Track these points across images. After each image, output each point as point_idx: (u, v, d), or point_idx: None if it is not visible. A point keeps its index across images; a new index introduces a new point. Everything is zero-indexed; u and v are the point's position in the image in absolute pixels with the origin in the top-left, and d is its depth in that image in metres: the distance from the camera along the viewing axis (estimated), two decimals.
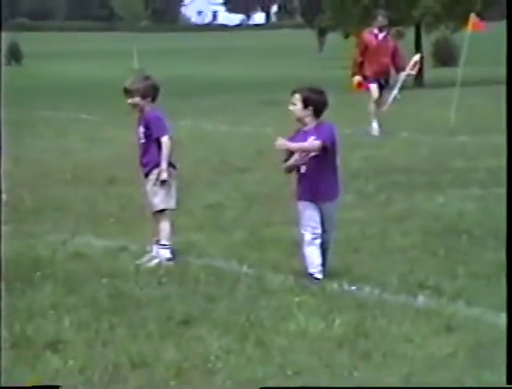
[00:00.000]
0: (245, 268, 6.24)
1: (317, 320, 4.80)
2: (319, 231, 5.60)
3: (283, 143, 5.61)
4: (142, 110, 6.57)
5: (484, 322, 4.74)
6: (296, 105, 5.57)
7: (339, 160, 5.83)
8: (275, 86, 22.40)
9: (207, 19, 78.81)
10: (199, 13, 78.72)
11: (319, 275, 5.55)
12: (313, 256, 5.57)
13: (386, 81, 13.93)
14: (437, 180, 9.60)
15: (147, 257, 6.45)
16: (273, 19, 76.53)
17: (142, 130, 6.58)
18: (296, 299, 5.24)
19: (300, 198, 5.68)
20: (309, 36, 54.57)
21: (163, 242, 6.40)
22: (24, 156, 12.10)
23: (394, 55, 13.81)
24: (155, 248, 6.47)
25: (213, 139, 14.11)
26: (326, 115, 5.74)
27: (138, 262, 6.38)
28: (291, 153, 5.68)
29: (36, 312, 5.15)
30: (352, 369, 4.09)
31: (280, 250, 6.63)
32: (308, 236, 5.56)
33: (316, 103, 5.62)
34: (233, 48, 54.10)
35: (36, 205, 8.71)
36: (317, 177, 5.65)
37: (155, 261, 6.35)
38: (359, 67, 13.84)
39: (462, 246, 6.60)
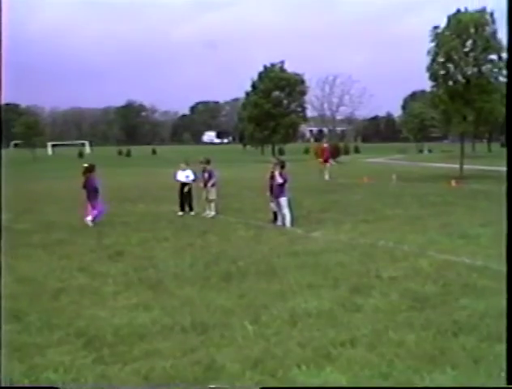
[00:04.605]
0: (222, 216, 15.95)
1: (243, 232, 13.78)
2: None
3: None
4: (206, 168, 16.35)
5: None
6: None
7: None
8: (242, 159, 67.35)
9: (210, 140, 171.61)
10: (206, 138, 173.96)
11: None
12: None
13: (327, 161, 35.51)
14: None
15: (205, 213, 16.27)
16: (231, 140, 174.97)
17: (206, 175, 16.18)
18: (239, 225, 14.62)
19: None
20: (240, 146, 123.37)
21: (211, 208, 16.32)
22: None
23: (327, 151, 35.99)
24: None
25: None
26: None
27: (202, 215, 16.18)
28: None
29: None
30: (254, 247, 11.76)
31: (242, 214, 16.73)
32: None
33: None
34: (220, 150, 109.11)
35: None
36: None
37: (209, 216, 16.13)
38: (317, 155, 36.71)
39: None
